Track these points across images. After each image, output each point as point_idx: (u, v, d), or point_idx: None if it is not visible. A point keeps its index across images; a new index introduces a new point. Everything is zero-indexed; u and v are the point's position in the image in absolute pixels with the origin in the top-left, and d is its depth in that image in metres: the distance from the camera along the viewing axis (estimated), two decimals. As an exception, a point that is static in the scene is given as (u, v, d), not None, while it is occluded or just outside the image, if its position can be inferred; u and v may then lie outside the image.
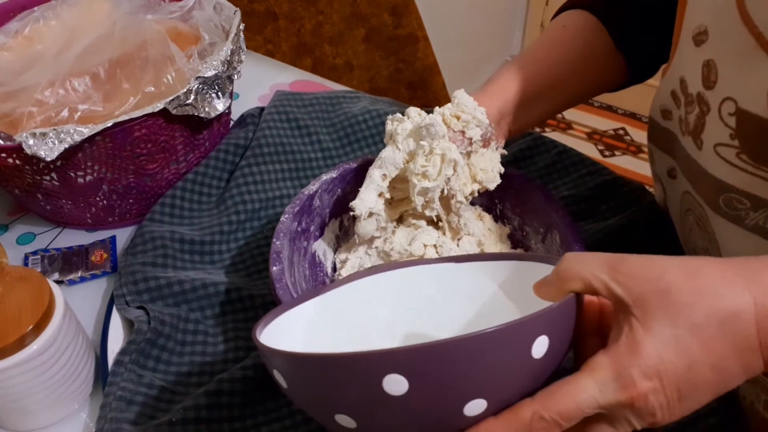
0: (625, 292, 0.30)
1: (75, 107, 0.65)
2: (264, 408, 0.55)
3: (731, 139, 0.44)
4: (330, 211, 0.65)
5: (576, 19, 0.62)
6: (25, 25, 0.74)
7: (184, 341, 0.61)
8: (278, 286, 0.53)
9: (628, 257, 0.32)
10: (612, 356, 0.29)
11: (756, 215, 0.45)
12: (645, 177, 2.05)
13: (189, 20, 0.77)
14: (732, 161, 0.45)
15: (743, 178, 0.44)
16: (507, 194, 0.64)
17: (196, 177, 0.76)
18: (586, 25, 0.61)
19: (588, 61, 0.61)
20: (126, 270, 0.65)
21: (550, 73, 0.61)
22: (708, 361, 0.29)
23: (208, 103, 0.68)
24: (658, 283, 0.29)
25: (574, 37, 0.61)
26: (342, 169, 0.63)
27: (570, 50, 0.61)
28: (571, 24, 0.62)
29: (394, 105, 0.89)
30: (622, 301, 0.31)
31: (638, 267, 0.31)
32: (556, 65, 0.61)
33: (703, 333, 0.29)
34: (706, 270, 0.30)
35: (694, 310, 0.29)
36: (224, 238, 0.71)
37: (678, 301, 0.29)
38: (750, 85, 0.41)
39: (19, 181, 0.67)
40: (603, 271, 0.31)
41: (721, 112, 0.44)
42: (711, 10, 0.45)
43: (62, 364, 0.53)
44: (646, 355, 0.29)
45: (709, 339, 0.29)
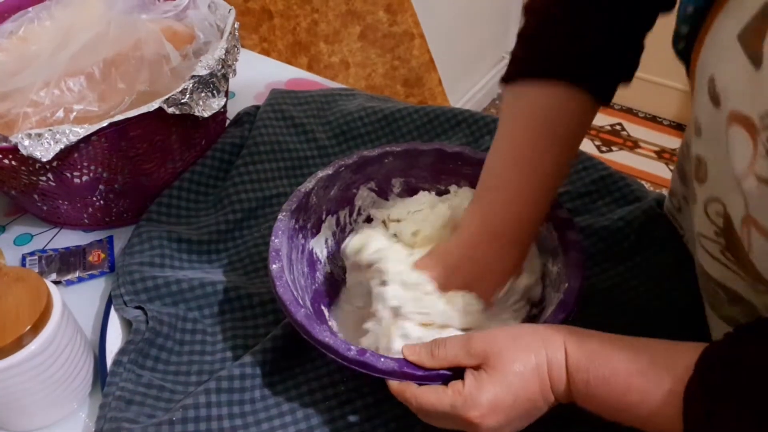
0: (474, 361, 0.45)
1: (70, 107, 0.65)
2: (264, 405, 0.55)
3: (716, 236, 0.43)
4: (326, 208, 0.65)
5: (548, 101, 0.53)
6: (20, 25, 0.74)
7: (182, 341, 0.61)
8: (278, 284, 0.53)
9: (473, 336, 0.46)
10: (468, 387, 0.44)
11: (732, 309, 0.46)
12: (642, 172, 2.05)
13: (184, 19, 0.77)
14: (715, 255, 0.44)
15: (725, 273, 0.44)
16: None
17: (193, 176, 0.76)
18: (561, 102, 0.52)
19: (580, 135, 0.55)
20: (124, 270, 0.65)
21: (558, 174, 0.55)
22: (525, 395, 0.43)
23: (204, 102, 0.68)
24: (493, 348, 0.44)
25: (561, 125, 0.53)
26: (338, 166, 0.64)
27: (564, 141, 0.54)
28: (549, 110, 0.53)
29: (390, 102, 0.89)
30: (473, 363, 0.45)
31: (481, 341, 0.45)
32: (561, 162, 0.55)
33: (521, 378, 0.43)
34: (522, 337, 0.45)
35: (515, 363, 0.43)
36: (222, 237, 0.71)
37: (506, 358, 0.43)
38: (737, 197, 0.38)
39: (16, 182, 0.67)
40: (462, 352, 0.45)
41: (708, 210, 0.43)
42: (703, 112, 0.41)
43: (60, 364, 0.53)
44: (487, 392, 0.43)
45: (526, 381, 0.43)
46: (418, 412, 0.47)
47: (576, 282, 0.52)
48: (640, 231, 0.66)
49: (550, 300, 0.55)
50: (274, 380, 0.57)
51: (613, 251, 0.66)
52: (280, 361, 0.58)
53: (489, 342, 0.45)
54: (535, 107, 0.53)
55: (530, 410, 0.44)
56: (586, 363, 0.42)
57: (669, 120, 2.24)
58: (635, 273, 0.64)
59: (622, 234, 0.67)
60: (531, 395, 0.43)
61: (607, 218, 0.69)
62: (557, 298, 0.52)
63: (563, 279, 0.54)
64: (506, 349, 0.44)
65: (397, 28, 1.39)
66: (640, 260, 0.65)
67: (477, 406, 0.43)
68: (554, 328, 0.45)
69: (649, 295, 0.62)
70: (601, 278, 0.64)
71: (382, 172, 0.67)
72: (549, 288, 0.57)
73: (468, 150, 0.65)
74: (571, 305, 0.50)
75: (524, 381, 0.43)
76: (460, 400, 0.43)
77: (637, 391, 0.40)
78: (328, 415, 0.55)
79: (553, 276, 0.57)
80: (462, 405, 0.43)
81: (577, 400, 0.43)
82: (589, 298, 0.62)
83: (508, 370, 0.43)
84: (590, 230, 0.68)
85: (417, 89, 1.46)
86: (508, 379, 0.43)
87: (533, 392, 0.43)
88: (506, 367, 0.43)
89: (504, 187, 0.55)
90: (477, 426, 0.43)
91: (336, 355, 0.48)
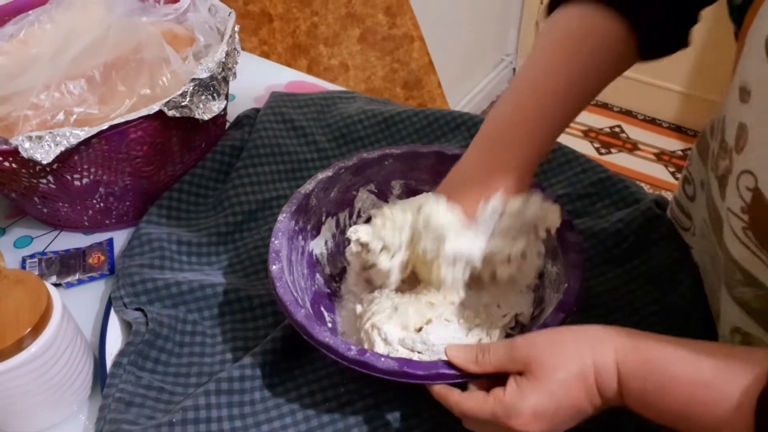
0: (517, 367, 0.44)
1: (70, 110, 0.65)
2: (264, 406, 0.55)
3: (742, 212, 0.42)
4: (326, 209, 0.65)
5: (580, 20, 0.52)
6: (20, 28, 0.74)
7: (182, 342, 0.61)
8: (278, 285, 0.53)
9: (516, 341, 0.45)
10: (509, 396, 0.43)
11: (744, 290, 0.45)
12: (641, 174, 2.05)
13: (184, 22, 0.77)
14: (737, 232, 0.43)
15: (743, 253, 0.43)
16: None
17: (193, 179, 0.76)
18: (594, 24, 0.52)
19: (605, 64, 0.54)
20: (123, 272, 0.65)
21: (570, 93, 0.54)
22: (570, 403, 0.42)
23: (204, 104, 0.68)
24: (536, 354, 0.43)
25: (586, 44, 0.52)
26: (337, 168, 0.64)
27: (586, 61, 0.53)
28: (576, 27, 0.53)
29: (389, 105, 0.89)
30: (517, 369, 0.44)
31: (524, 348, 0.44)
32: (575, 81, 0.53)
33: (566, 386, 0.41)
34: (566, 343, 0.43)
35: (558, 371, 0.42)
36: (221, 239, 0.71)
37: (549, 366, 0.42)
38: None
39: (16, 185, 0.67)
40: (506, 357, 0.45)
41: (739, 182, 0.41)
42: (756, 74, 0.40)
43: (60, 366, 0.53)
44: (529, 401, 0.42)
45: (569, 389, 0.41)
46: (462, 418, 0.46)
47: (575, 282, 0.52)
48: (639, 233, 0.67)
49: (550, 301, 0.55)
50: (273, 382, 0.57)
51: (612, 253, 0.66)
52: (280, 362, 0.58)
53: (531, 348, 0.44)
54: (562, 24, 0.53)
55: (575, 415, 0.43)
56: (642, 371, 0.40)
57: (668, 122, 2.25)
58: (634, 275, 0.64)
59: (621, 236, 0.67)
60: (575, 402, 0.42)
61: (606, 220, 0.69)
62: (557, 298, 0.53)
63: (563, 279, 0.54)
64: (548, 356, 0.43)
65: (396, 31, 1.39)
66: (639, 262, 0.65)
67: (519, 415, 0.42)
68: (603, 330, 0.43)
69: (648, 297, 0.62)
70: (600, 280, 0.64)
71: (381, 174, 0.67)
72: (549, 289, 0.57)
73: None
74: (570, 305, 0.50)
75: (568, 389, 0.41)
76: (501, 409, 0.43)
77: (701, 403, 0.37)
78: (328, 417, 0.55)
79: (553, 277, 0.57)
80: (503, 413, 0.43)
81: (630, 406, 0.41)
82: (588, 300, 0.62)
83: (551, 378, 0.42)
84: (589, 232, 0.68)
85: (416, 92, 1.47)
86: (550, 387, 0.42)
87: (578, 398, 0.42)
88: (549, 375, 0.42)
89: (510, 97, 0.54)
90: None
91: (336, 355, 0.48)
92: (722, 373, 0.37)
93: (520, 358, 0.44)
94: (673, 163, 2.10)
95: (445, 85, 1.54)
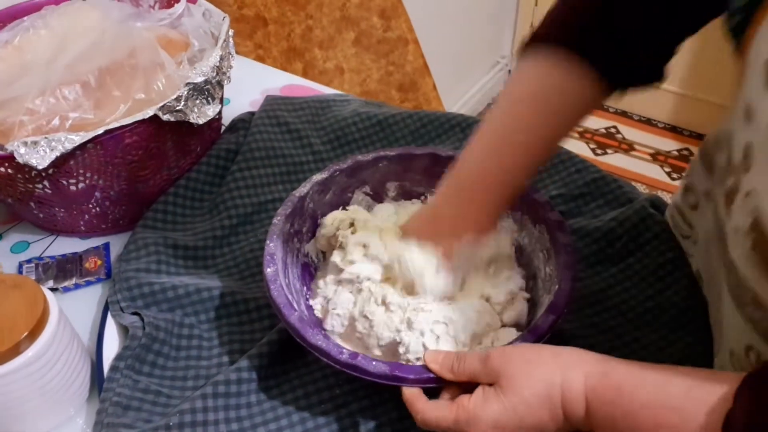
0: (489, 378, 0.45)
1: (66, 115, 0.65)
2: (260, 409, 0.56)
3: (750, 231, 0.41)
4: (321, 212, 0.65)
5: (549, 72, 0.52)
6: (15, 35, 0.74)
7: (179, 346, 0.61)
8: (273, 287, 0.53)
9: (491, 354, 0.45)
10: (473, 403, 0.44)
11: (754, 311, 0.45)
12: (637, 174, 2.06)
13: (178, 27, 0.78)
14: (746, 253, 0.42)
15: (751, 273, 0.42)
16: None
17: (188, 183, 0.76)
18: (564, 76, 0.51)
19: (575, 112, 0.53)
20: (120, 276, 0.66)
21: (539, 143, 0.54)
22: (532, 422, 0.42)
23: (199, 108, 0.68)
24: (508, 369, 0.44)
25: (555, 97, 0.52)
26: (332, 170, 0.64)
27: (556, 113, 0.53)
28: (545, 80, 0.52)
29: (384, 107, 0.89)
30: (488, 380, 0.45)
31: (497, 360, 0.45)
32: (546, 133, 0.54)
33: (529, 404, 0.42)
34: (538, 363, 0.44)
35: (524, 389, 0.42)
36: (217, 243, 0.72)
37: (517, 383, 0.43)
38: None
39: (12, 190, 0.67)
40: (479, 367, 0.45)
41: (745, 202, 0.41)
42: (758, 98, 0.40)
43: (58, 370, 0.53)
44: (491, 410, 0.43)
45: (533, 408, 0.42)
46: (422, 425, 0.46)
47: (566, 284, 0.52)
48: (633, 232, 0.67)
49: (542, 302, 0.56)
50: (269, 384, 0.57)
51: (606, 252, 0.67)
52: (276, 365, 0.58)
53: (504, 362, 0.44)
54: (530, 73, 0.52)
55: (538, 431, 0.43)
56: (612, 397, 0.40)
57: (663, 123, 2.25)
58: (628, 274, 0.65)
59: (614, 235, 0.67)
60: (538, 422, 0.42)
61: (599, 220, 0.69)
62: (548, 299, 0.53)
63: (554, 281, 0.54)
64: (519, 373, 0.43)
65: (391, 34, 1.40)
66: (633, 261, 0.65)
67: (479, 423, 0.43)
68: (578, 355, 0.44)
69: (642, 295, 0.63)
70: (594, 280, 0.65)
71: (376, 177, 0.67)
72: (541, 290, 0.58)
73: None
74: (561, 308, 0.51)
75: (531, 408, 0.42)
76: (464, 415, 0.43)
77: (669, 426, 0.37)
78: (323, 419, 0.55)
79: (546, 278, 0.57)
80: (465, 420, 0.43)
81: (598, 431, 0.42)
82: (583, 299, 0.63)
83: (517, 394, 0.42)
84: (583, 232, 0.68)
85: (411, 94, 1.47)
86: (514, 402, 0.42)
87: (541, 420, 0.42)
88: (515, 391, 0.42)
89: (477, 145, 0.55)
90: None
91: (328, 358, 0.49)
92: (689, 396, 0.37)
93: (493, 371, 0.44)
94: (669, 163, 2.10)
95: (440, 87, 1.54)
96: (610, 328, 0.60)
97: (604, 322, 0.61)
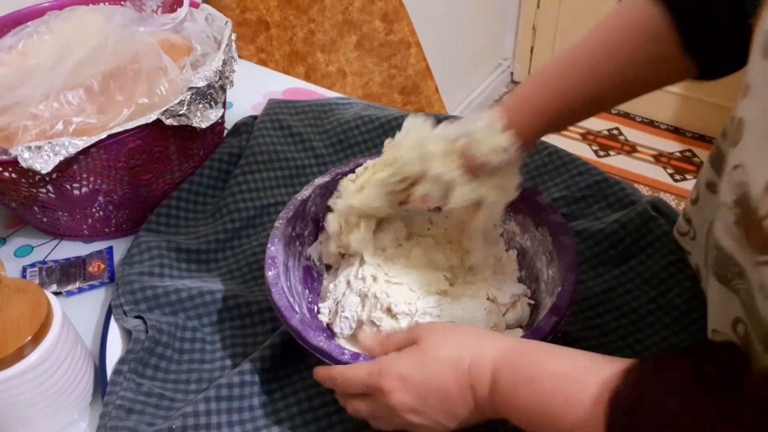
0: (412, 342, 0.47)
1: (69, 120, 0.66)
2: (263, 412, 0.56)
3: (734, 205, 0.41)
4: (323, 215, 0.65)
5: (634, 14, 0.51)
6: (19, 40, 0.75)
7: (182, 349, 0.62)
8: (274, 290, 0.53)
9: (417, 325, 0.49)
10: (387, 357, 0.46)
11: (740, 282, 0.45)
12: (640, 176, 2.05)
13: (181, 32, 0.78)
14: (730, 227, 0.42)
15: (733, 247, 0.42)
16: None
17: (191, 186, 0.77)
18: (645, 21, 0.50)
19: (646, 63, 0.52)
20: (123, 280, 0.66)
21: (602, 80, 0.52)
22: (438, 385, 0.44)
23: (202, 113, 0.69)
24: (428, 332, 0.46)
25: (630, 35, 0.51)
26: (335, 173, 0.64)
27: (625, 52, 0.51)
28: (627, 18, 0.51)
29: (386, 110, 0.89)
30: (407, 343, 0.47)
31: (421, 328, 0.47)
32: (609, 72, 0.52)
33: (439, 364, 0.44)
34: (459, 332, 0.46)
35: (438, 349, 0.45)
36: (220, 246, 0.72)
37: (432, 344, 0.45)
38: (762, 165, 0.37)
39: (16, 195, 0.67)
40: (405, 336, 0.48)
41: (732, 176, 0.41)
42: (755, 69, 0.40)
43: (61, 374, 0.54)
44: (402, 363, 0.45)
45: (441, 369, 0.44)
46: (342, 389, 0.49)
47: (569, 286, 0.52)
48: (635, 234, 0.67)
49: (545, 304, 0.56)
50: (272, 387, 0.58)
51: (609, 255, 0.67)
52: (279, 368, 0.59)
53: (427, 329, 0.47)
54: (613, 9, 0.52)
55: (444, 401, 0.44)
56: (518, 364, 0.42)
57: (666, 124, 2.25)
58: (630, 276, 0.65)
59: (616, 237, 0.67)
60: (444, 385, 0.43)
61: (602, 222, 0.69)
62: (551, 301, 0.53)
63: (557, 283, 0.54)
64: (437, 336, 0.45)
65: (393, 37, 1.40)
66: (635, 263, 0.65)
67: (388, 375, 0.44)
68: (495, 333, 0.47)
69: (644, 297, 0.63)
70: (596, 282, 0.65)
71: None
72: (544, 292, 0.58)
73: None
74: (563, 309, 0.51)
75: (439, 368, 0.44)
76: (376, 368, 0.45)
77: (564, 396, 0.39)
78: (326, 421, 0.55)
79: (548, 280, 0.58)
80: (377, 372, 0.45)
81: (501, 406, 0.42)
82: (584, 301, 0.63)
83: (429, 353, 0.44)
84: (585, 234, 0.68)
85: (414, 97, 1.47)
86: (425, 360, 0.44)
87: (447, 383, 0.43)
88: (428, 350, 0.45)
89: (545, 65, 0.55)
90: (388, 395, 0.44)
91: (330, 359, 0.49)
92: (585, 369, 0.39)
93: (415, 335, 0.47)
94: (672, 165, 2.10)
95: (442, 90, 1.54)
96: (612, 330, 0.60)
97: (606, 324, 0.61)
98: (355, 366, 0.47)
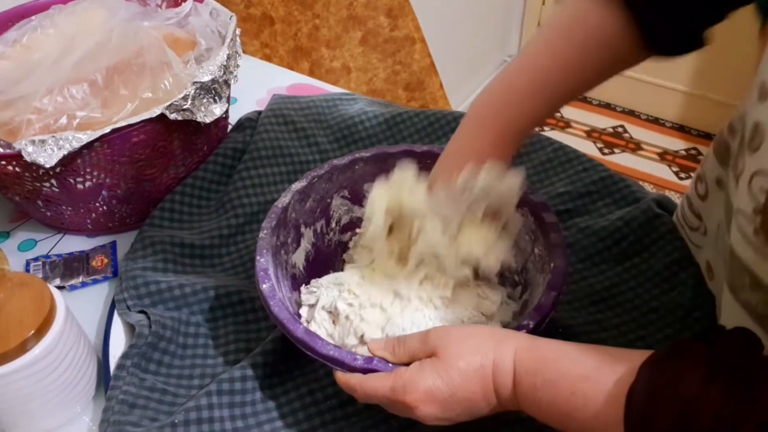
0: (427, 353, 0.46)
1: (73, 114, 0.66)
2: (265, 406, 0.56)
3: (754, 214, 0.41)
4: (303, 220, 0.64)
5: (578, 8, 0.51)
6: (23, 34, 0.75)
7: (185, 344, 0.62)
8: (272, 303, 0.52)
9: (431, 331, 0.47)
10: (409, 372, 0.45)
11: (751, 295, 0.45)
12: (644, 174, 2.05)
13: (185, 26, 0.78)
14: (747, 234, 0.42)
15: (753, 256, 0.42)
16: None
17: (195, 181, 0.77)
18: (592, 12, 0.50)
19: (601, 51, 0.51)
20: (127, 275, 0.66)
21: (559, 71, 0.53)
22: (464, 395, 0.44)
23: (206, 107, 0.68)
24: (445, 342, 0.45)
25: (580, 29, 0.51)
26: (310, 177, 0.63)
27: (579, 44, 0.51)
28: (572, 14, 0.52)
29: (390, 106, 0.89)
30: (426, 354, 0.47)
31: (435, 335, 0.47)
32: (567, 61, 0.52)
33: (463, 375, 0.44)
34: (475, 337, 0.46)
35: (460, 359, 0.44)
36: (224, 241, 0.72)
37: (453, 354, 0.45)
38: None
39: (20, 189, 0.67)
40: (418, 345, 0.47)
41: (752, 183, 0.41)
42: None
43: (64, 368, 0.54)
44: (426, 378, 0.44)
45: (466, 380, 0.44)
46: (362, 399, 0.48)
47: (560, 261, 0.52)
48: (639, 231, 0.67)
49: (536, 282, 0.55)
50: (274, 382, 0.58)
51: (612, 251, 0.67)
52: (281, 363, 0.58)
53: (442, 336, 0.46)
54: (565, 4, 0.52)
55: (469, 408, 0.45)
56: (535, 367, 0.42)
57: (671, 122, 2.24)
58: (634, 273, 0.64)
59: (621, 234, 0.67)
60: (470, 394, 0.44)
61: (606, 219, 0.69)
62: (544, 278, 0.53)
63: (547, 260, 0.54)
64: (455, 346, 0.45)
65: (398, 33, 1.39)
66: (639, 261, 0.65)
67: (414, 390, 0.44)
68: (510, 333, 0.46)
69: (647, 295, 0.62)
70: (599, 278, 0.65)
71: (354, 179, 0.66)
72: (533, 270, 0.57)
73: (436, 148, 0.63)
74: (559, 284, 0.51)
75: (465, 379, 0.44)
76: (400, 383, 0.45)
77: (581, 394, 0.39)
78: (329, 415, 0.55)
79: (536, 259, 0.57)
80: (401, 388, 0.45)
81: (523, 406, 0.43)
82: (587, 297, 0.63)
83: (452, 364, 0.44)
84: (589, 230, 0.68)
85: (418, 93, 1.47)
86: (449, 372, 0.44)
87: (473, 392, 0.44)
88: (451, 361, 0.44)
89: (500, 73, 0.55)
90: (413, 410, 0.44)
91: (343, 366, 0.48)
92: (602, 368, 0.39)
93: (431, 345, 0.46)
94: (677, 163, 2.09)
95: (447, 86, 1.54)
96: (615, 326, 0.60)
97: (608, 320, 0.61)
98: (375, 379, 0.47)
